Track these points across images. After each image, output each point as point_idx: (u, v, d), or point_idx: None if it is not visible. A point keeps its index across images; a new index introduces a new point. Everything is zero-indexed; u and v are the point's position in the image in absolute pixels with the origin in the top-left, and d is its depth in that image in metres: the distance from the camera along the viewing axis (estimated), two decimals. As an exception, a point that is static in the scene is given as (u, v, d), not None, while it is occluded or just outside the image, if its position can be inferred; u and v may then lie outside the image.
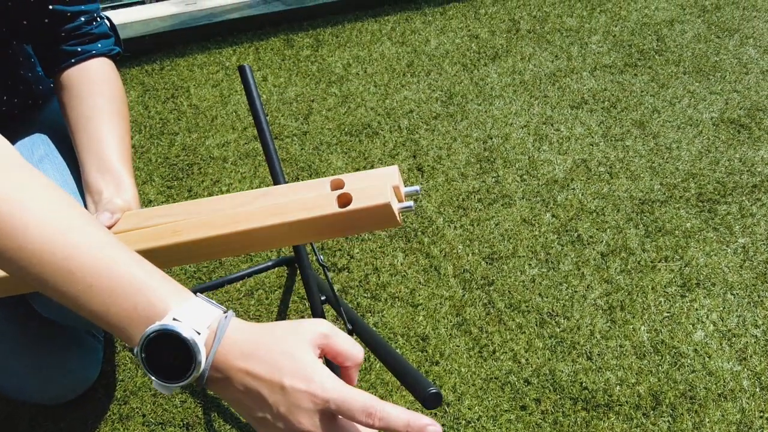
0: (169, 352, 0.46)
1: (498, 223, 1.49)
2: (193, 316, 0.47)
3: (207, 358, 0.47)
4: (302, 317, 1.29)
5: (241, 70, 0.87)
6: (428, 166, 1.67)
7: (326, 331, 0.49)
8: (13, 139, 0.95)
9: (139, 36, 2.18)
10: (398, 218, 0.63)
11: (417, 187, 0.66)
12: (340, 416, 0.48)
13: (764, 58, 2.06)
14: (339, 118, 1.85)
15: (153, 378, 0.47)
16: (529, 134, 1.76)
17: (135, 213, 0.72)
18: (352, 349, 0.50)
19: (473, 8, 2.38)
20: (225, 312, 0.49)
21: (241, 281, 1.36)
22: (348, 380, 0.52)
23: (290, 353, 0.47)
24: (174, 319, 0.47)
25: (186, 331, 0.46)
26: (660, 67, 2.02)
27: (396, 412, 0.46)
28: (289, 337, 0.48)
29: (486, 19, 2.31)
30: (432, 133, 1.78)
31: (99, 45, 0.90)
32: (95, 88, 0.86)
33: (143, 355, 0.47)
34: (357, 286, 1.36)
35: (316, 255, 0.87)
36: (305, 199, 0.63)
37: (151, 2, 2.44)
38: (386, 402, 0.47)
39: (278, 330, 0.48)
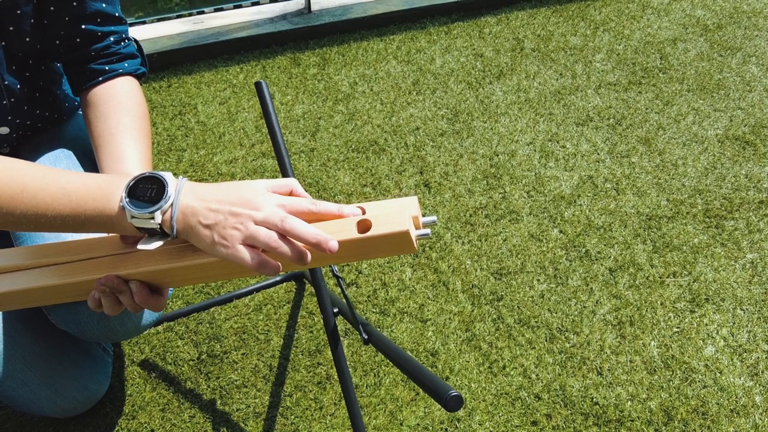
0: (145, 194, 0.60)
1: (506, 238, 1.50)
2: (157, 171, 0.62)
3: (176, 189, 0.60)
4: (311, 332, 1.29)
5: (258, 86, 0.88)
6: (435, 182, 1.68)
7: (290, 183, 0.65)
8: (36, 152, 0.97)
9: (148, 54, 2.20)
10: (415, 245, 0.64)
11: (434, 218, 0.67)
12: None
13: (767, 76, 2.08)
14: (346, 135, 1.86)
15: (137, 210, 0.59)
16: (535, 151, 1.77)
17: None
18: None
19: (477, 27, 2.41)
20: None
21: (249, 296, 1.36)
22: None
23: (242, 190, 0.61)
24: (141, 174, 0.62)
25: (157, 173, 0.61)
26: (664, 85, 2.04)
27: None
28: (246, 182, 0.63)
29: (490, 38, 2.34)
30: (438, 149, 1.79)
31: (126, 64, 0.92)
32: (120, 106, 0.88)
33: (128, 199, 0.60)
34: (365, 301, 1.36)
35: (330, 266, 0.87)
36: (326, 224, 0.64)
37: (152, 22, 2.46)
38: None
39: (238, 181, 0.64)
